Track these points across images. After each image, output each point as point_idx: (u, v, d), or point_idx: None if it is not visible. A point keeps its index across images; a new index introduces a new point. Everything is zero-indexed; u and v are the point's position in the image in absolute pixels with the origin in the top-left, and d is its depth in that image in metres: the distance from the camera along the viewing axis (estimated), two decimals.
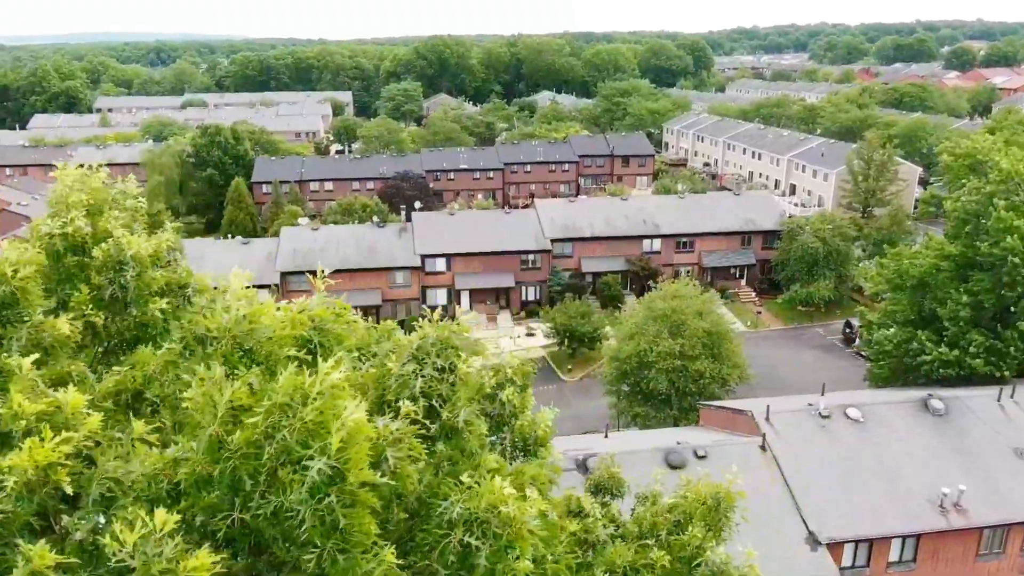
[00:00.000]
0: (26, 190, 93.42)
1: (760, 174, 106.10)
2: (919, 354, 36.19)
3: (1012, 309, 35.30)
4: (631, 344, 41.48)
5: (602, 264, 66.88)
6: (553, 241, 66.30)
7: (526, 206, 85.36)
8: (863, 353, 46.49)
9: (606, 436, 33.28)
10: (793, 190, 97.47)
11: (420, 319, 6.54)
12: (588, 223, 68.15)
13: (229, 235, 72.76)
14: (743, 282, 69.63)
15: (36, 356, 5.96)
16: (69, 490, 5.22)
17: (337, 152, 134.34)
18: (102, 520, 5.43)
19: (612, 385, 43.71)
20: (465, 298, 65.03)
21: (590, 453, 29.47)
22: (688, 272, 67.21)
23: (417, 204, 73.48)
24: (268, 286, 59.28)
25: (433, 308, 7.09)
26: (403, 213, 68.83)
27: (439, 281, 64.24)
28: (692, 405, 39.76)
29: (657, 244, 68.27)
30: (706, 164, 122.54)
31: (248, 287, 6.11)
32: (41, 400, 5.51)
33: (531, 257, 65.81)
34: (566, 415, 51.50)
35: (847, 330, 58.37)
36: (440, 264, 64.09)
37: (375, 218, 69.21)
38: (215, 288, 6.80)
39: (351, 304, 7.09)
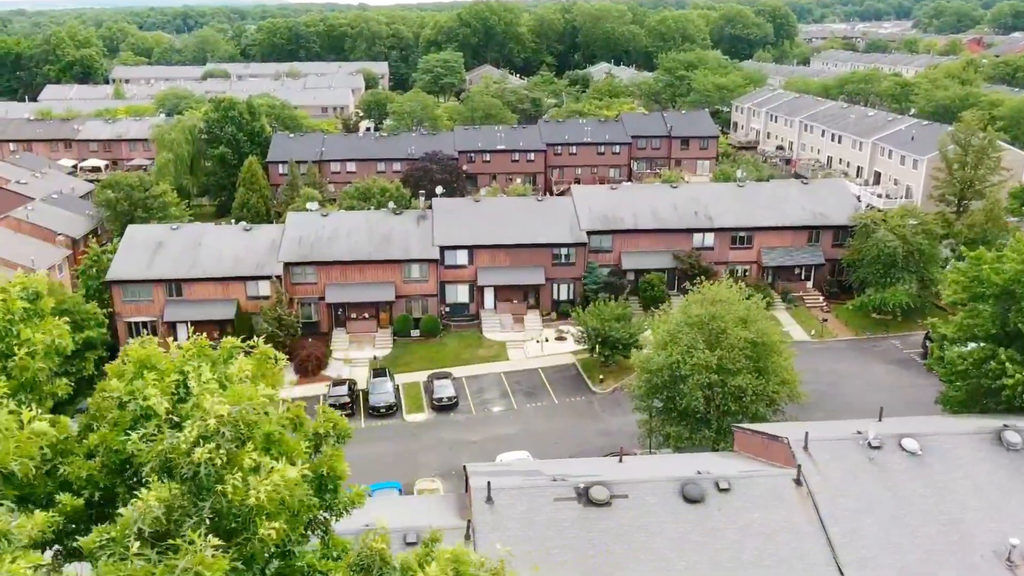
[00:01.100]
0: (28, 167, 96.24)
1: (840, 159, 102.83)
2: (999, 376, 34.23)
3: None
4: (663, 354, 40.30)
5: (645, 260, 65.45)
6: (590, 233, 65.11)
7: (562, 193, 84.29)
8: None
9: (620, 460, 32.30)
10: (878, 179, 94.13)
11: None
12: (631, 213, 66.75)
13: (234, 220, 73.51)
14: (809, 284, 67.38)
15: None
16: None
17: (367, 129, 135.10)
18: None
19: (642, 400, 42.57)
20: (489, 296, 64.42)
21: (595, 481, 28.57)
22: (745, 272, 65.43)
23: (439, 189, 73.03)
24: (269, 278, 59.55)
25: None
26: (422, 199, 68.51)
27: (460, 276, 63.71)
28: (732, 426, 38.43)
29: (710, 239, 66.47)
30: (779, 147, 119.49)
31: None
32: None
33: (565, 251, 64.76)
34: (594, 432, 50.61)
35: (928, 342, 55.83)
36: (461, 257, 63.56)
37: (391, 204, 69.03)
38: None
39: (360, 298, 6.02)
